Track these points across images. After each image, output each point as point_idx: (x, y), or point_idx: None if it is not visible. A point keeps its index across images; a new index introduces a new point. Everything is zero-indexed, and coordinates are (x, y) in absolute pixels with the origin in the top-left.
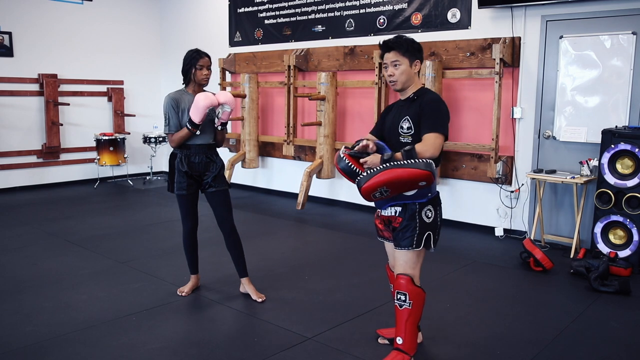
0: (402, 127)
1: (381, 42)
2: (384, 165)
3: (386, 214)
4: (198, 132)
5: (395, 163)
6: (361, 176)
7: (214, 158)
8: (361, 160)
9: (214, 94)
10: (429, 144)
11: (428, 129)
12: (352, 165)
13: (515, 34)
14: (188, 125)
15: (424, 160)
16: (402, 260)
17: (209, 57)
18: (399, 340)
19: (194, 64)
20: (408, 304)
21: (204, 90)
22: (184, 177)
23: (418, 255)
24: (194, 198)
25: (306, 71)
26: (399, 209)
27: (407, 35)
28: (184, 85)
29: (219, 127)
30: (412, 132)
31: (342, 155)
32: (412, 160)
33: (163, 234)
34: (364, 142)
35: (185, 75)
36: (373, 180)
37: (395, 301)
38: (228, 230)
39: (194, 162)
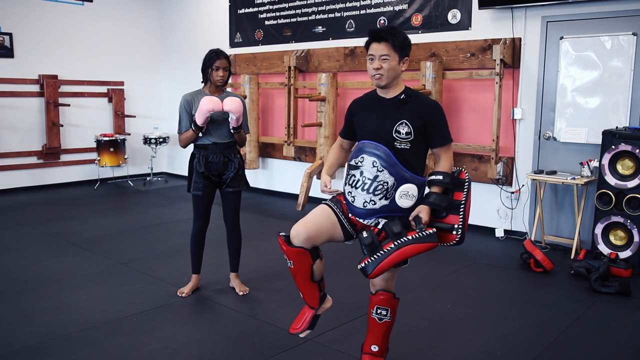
0: (398, 132)
1: (371, 30)
2: (393, 245)
3: (364, 222)
4: (200, 134)
5: (405, 240)
6: (367, 262)
7: (232, 157)
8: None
9: (223, 100)
10: (449, 158)
11: (443, 141)
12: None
13: (515, 34)
14: (192, 127)
15: (433, 231)
16: (386, 276)
17: (227, 58)
18: (375, 348)
19: (211, 65)
20: (388, 318)
21: (224, 91)
22: (201, 178)
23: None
24: (209, 199)
25: (306, 72)
26: (384, 221)
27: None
28: (202, 85)
29: (231, 130)
30: (412, 137)
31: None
32: (424, 234)
33: (163, 234)
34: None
35: (203, 74)
36: (381, 266)
37: (375, 315)
38: (231, 225)
39: (212, 161)
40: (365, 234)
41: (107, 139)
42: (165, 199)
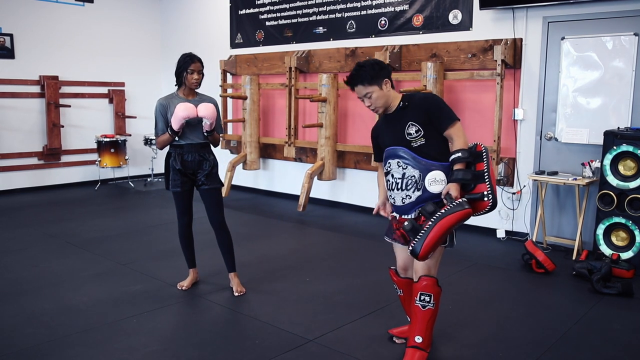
0: (409, 134)
1: (345, 80)
2: (430, 222)
3: (409, 217)
4: (177, 138)
5: (440, 214)
6: (413, 244)
7: (207, 156)
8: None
9: (197, 106)
10: (460, 135)
11: (446, 123)
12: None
13: (516, 35)
14: (168, 131)
15: (463, 200)
16: (428, 262)
17: (201, 62)
18: (419, 339)
19: (186, 68)
20: (432, 305)
21: (198, 94)
22: (178, 175)
23: (440, 253)
24: (189, 195)
25: (307, 73)
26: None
27: (368, 59)
28: (176, 88)
29: (205, 134)
30: (422, 133)
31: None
32: (454, 204)
33: (164, 235)
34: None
35: (178, 77)
36: (427, 243)
37: (418, 302)
38: (217, 226)
39: (187, 160)
40: (406, 223)
41: (107, 139)
42: (165, 200)
